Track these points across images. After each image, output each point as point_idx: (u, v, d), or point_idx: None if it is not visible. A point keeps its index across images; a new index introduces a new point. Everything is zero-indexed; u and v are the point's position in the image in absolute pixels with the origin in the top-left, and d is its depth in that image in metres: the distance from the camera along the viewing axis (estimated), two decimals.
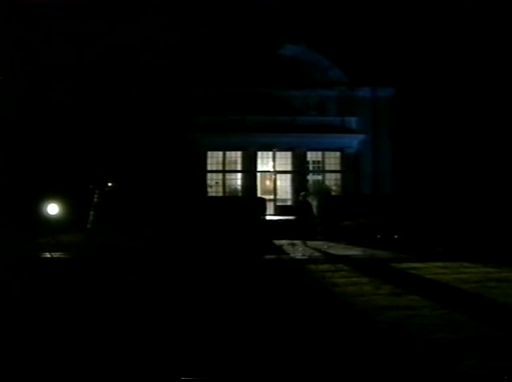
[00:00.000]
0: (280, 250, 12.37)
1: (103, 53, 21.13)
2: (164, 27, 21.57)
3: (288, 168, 22.68)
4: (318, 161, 22.97)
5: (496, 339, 4.76)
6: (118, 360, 4.24)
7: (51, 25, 20.46)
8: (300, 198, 17.29)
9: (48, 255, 11.02)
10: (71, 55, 20.80)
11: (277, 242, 13.74)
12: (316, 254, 11.59)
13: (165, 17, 21.56)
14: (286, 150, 22.33)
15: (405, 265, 9.95)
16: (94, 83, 20.94)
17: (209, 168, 22.46)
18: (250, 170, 22.27)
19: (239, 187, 22.52)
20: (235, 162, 22.71)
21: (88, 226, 15.12)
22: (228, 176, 22.78)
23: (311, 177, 22.95)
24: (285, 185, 22.74)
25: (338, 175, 22.81)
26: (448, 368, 3.99)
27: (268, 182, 22.77)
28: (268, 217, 17.16)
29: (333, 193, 22.05)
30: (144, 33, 21.40)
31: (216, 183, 22.52)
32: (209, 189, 22.19)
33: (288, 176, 22.76)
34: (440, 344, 4.59)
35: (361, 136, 22.36)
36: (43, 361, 4.21)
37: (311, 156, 22.75)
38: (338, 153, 22.71)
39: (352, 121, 22.55)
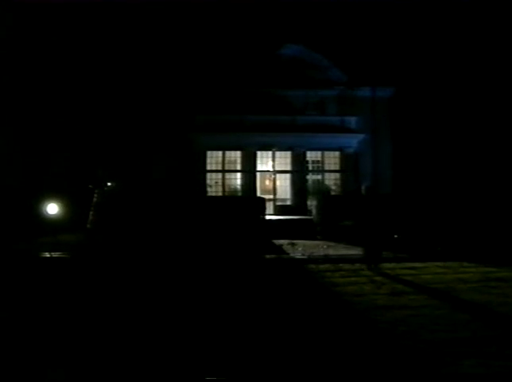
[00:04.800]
0: (280, 249, 12.38)
1: (104, 53, 21.11)
2: (164, 26, 21.57)
3: (288, 168, 22.67)
4: (317, 161, 22.95)
5: (496, 339, 4.77)
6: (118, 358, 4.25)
7: (51, 25, 20.44)
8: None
9: (48, 255, 11.02)
10: (71, 54, 20.78)
11: (277, 242, 13.75)
12: (316, 254, 11.59)
13: (166, 17, 21.56)
14: (286, 149, 22.32)
15: (405, 265, 9.96)
16: (94, 82, 20.92)
17: (208, 167, 22.44)
18: (249, 170, 22.26)
19: (239, 187, 22.50)
20: (235, 162, 22.69)
21: (88, 226, 15.10)
22: (228, 175, 22.77)
23: (310, 177, 22.94)
24: (284, 184, 22.73)
25: (337, 175, 22.80)
26: (448, 368, 3.99)
27: (267, 182, 22.76)
28: (267, 217, 17.15)
29: (333, 193, 22.04)
30: (144, 33, 21.39)
31: (216, 183, 22.51)
32: (208, 189, 22.17)
33: (288, 176, 22.75)
34: (439, 344, 4.60)
35: (360, 136, 22.36)
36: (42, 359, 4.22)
37: (310, 156, 22.74)
38: (337, 153, 22.70)
39: (352, 121, 22.54)
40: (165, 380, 3.88)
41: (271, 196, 21.51)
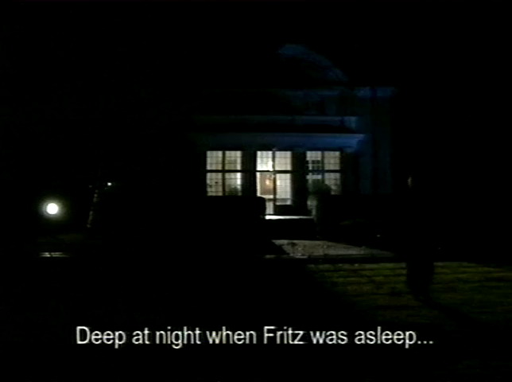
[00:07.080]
0: (280, 250, 12.38)
1: (104, 53, 21.10)
2: (164, 26, 21.56)
3: (288, 168, 22.68)
4: (318, 161, 22.95)
5: (495, 339, 4.76)
6: None
7: (49, 25, 20.44)
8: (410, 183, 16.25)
9: (48, 255, 11.02)
10: (71, 54, 20.79)
11: (277, 242, 13.74)
12: (316, 254, 11.59)
13: (166, 17, 21.55)
14: (286, 149, 22.32)
15: (405, 264, 9.93)
16: (94, 82, 20.91)
17: (208, 167, 22.45)
18: (249, 170, 22.26)
19: (239, 187, 22.50)
20: (235, 162, 22.69)
21: (88, 226, 15.10)
22: (228, 176, 22.76)
23: (310, 177, 22.94)
24: (284, 184, 22.73)
25: (337, 175, 22.80)
26: (447, 368, 3.98)
27: (267, 182, 22.76)
28: (268, 217, 17.15)
29: (333, 193, 22.04)
30: (143, 33, 21.38)
31: (216, 183, 22.50)
32: (209, 189, 22.16)
33: (288, 175, 22.76)
34: (439, 344, 4.59)
35: (361, 136, 22.35)
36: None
37: (310, 156, 22.74)
38: (337, 153, 22.70)
39: (352, 121, 22.53)
40: None
41: (271, 196, 21.51)
